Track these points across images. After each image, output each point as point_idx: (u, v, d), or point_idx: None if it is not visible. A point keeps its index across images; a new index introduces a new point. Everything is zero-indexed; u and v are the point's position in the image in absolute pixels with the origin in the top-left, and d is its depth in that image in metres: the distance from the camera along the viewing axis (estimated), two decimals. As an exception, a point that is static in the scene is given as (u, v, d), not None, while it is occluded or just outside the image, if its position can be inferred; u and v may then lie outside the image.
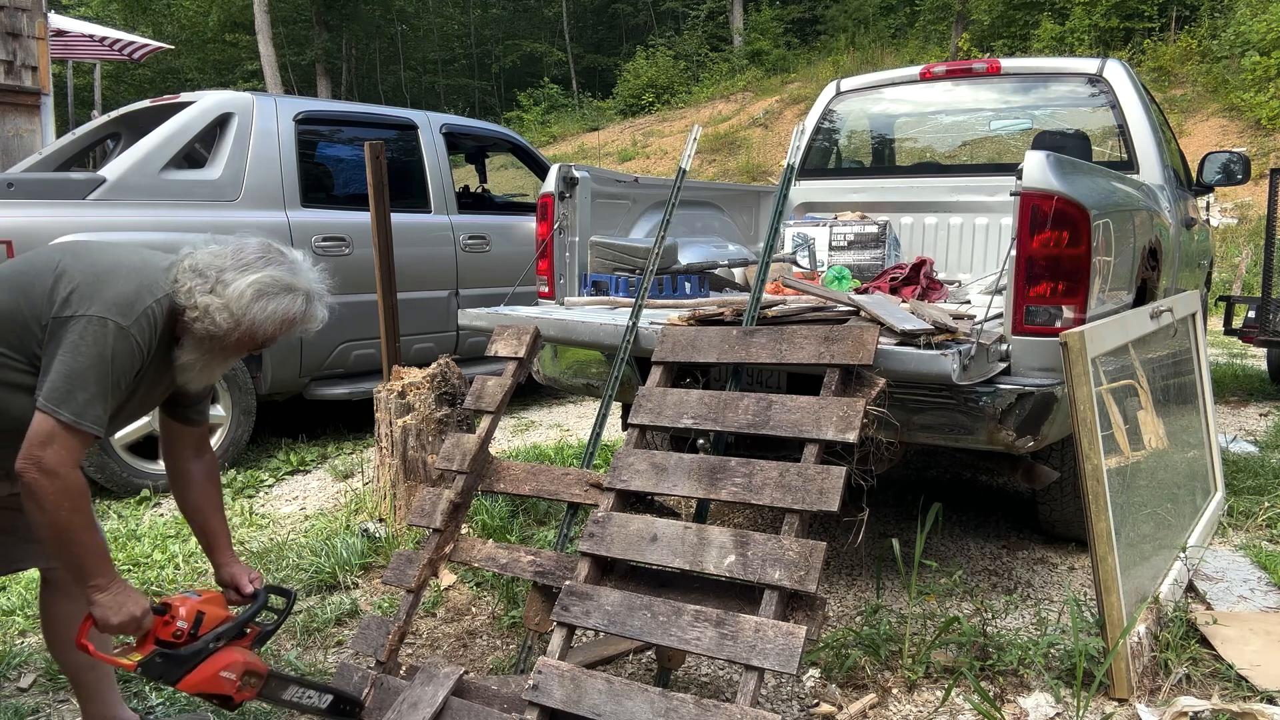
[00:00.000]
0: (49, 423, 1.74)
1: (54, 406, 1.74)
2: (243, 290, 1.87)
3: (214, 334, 1.89)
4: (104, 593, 1.83)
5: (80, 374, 1.75)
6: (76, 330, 1.77)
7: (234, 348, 1.95)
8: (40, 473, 1.73)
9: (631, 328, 2.87)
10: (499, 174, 10.90)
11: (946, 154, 5.66)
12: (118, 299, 1.81)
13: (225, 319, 1.87)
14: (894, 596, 3.16)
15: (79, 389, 1.75)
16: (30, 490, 1.74)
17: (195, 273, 1.88)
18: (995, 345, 2.72)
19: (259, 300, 1.89)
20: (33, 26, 7.11)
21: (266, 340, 1.98)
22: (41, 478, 1.73)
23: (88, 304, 1.79)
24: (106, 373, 1.78)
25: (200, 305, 1.86)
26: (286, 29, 28.35)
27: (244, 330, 1.90)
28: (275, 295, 1.91)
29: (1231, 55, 15.56)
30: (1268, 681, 2.47)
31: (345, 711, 2.27)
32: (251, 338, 1.93)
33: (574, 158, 20.93)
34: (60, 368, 1.75)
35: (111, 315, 1.79)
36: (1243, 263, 11.03)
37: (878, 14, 23.83)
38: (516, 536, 3.61)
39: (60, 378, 1.75)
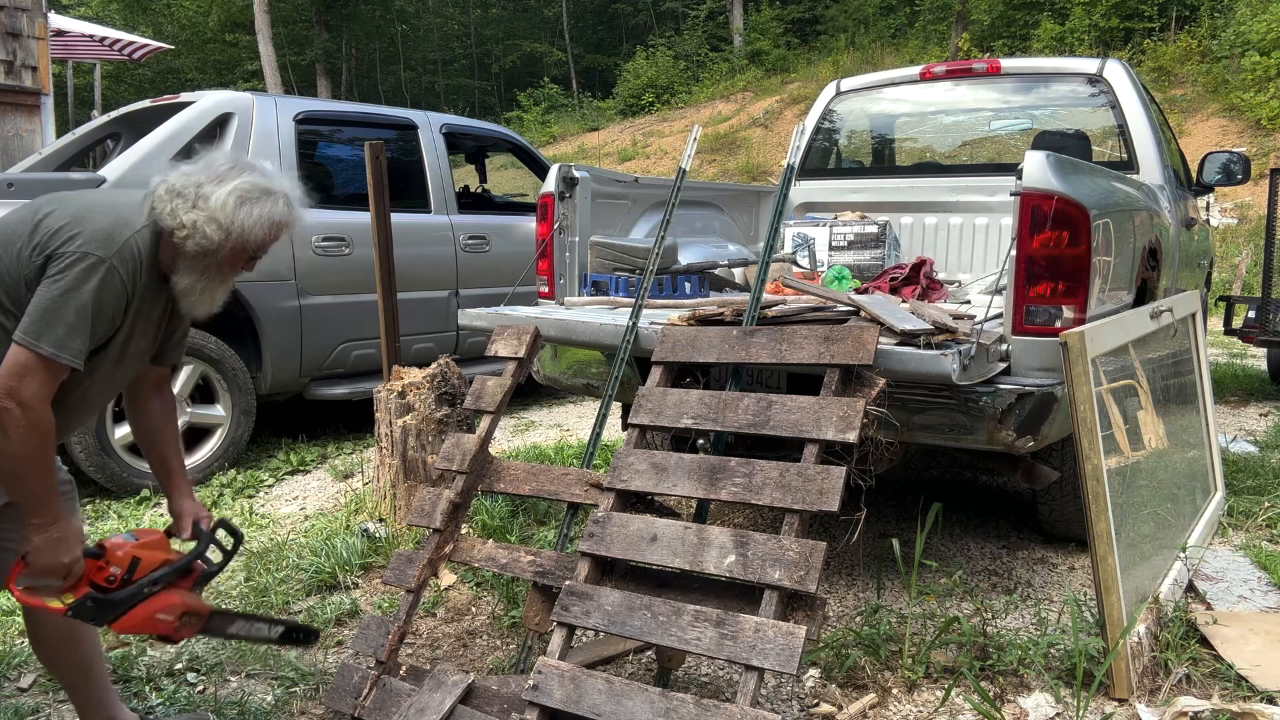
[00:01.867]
0: (26, 355, 1.75)
1: (33, 340, 1.75)
2: (225, 199, 1.89)
3: (207, 249, 1.91)
4: (43, 533, 1.84)
5: (58, 308, 1.76)
6: (56, 267, 1.78)
7: (229, 261, 1.97)
8: (15, 403, 1.74)
9: (631, 328, 2.87)
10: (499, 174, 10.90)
11: (946, 154, 5.66)
12: (95, 234, 1.82)
13: (215, 231, 1.89)
14: (894, 596, 3.16)
15: (58, 322, 1.76)
16: (3, 421, 1.74)
17: (174, 194, 1.90)
18: (995, 345, 2.72)
19: (243, 206, 1.91)
20: (33, 26, 7.11)
21: (258, 248, 1.99)
22: (15, 408, 1.74)
23: (67, 242, 1.80)
24: (86, 305, 1.78)
25: (188, 222, 1.88)
26: (286, 29, 28.35)
27: (235, 239, 1.92)
28: (257, 200, 1.94)
29: (1231, 55, 15.56)
30: (1268, 681, 2.47)
31: (299, 639, 2.27)
32: (243, 246, 1.95)
33: (574, 158, 20.93)
34: (39, 302, 1.77)
35: (91, 249, 1.80)
36: (1243, 263, 11.03)
37: (878, 14, 23.83)
38: (516, 536, 3.61)
39: (38, 311, 1.76)
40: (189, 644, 2.85)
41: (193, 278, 1.95)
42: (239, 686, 2.64)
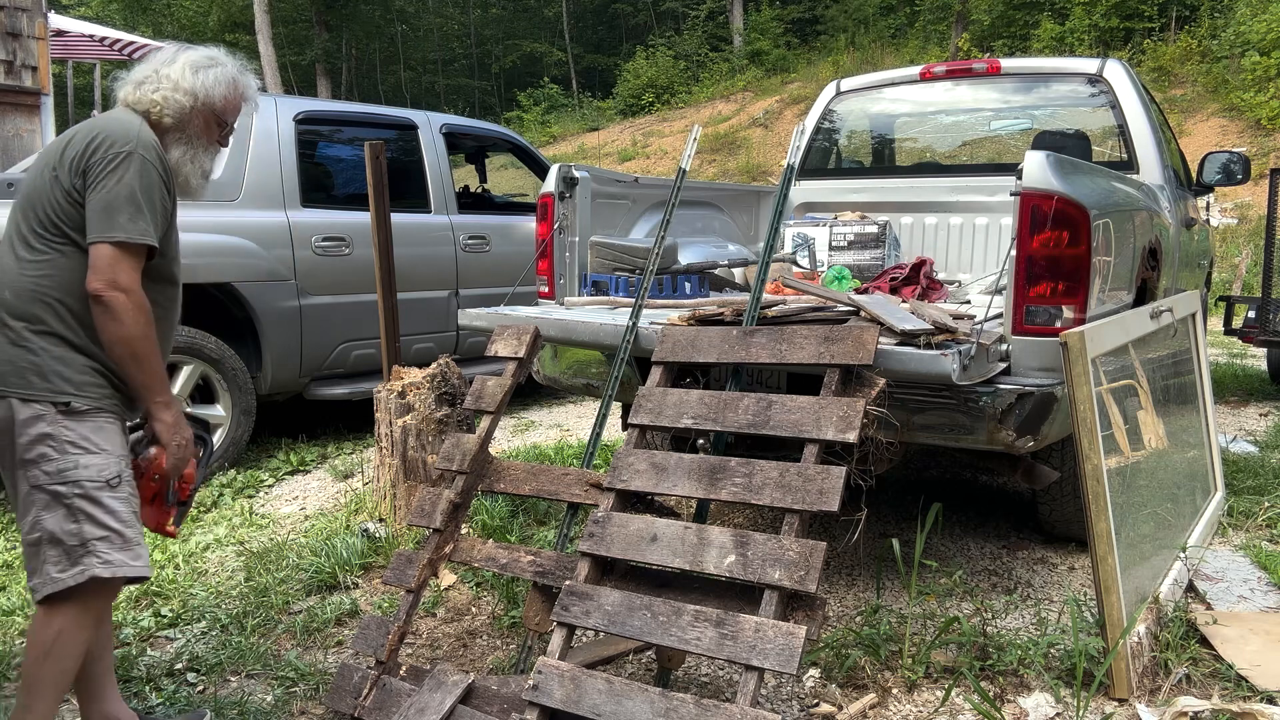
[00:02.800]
0: (105, 248, 1.95)
1: (104, 233, 1.95)
2: (181, 71, 2.14)
3: (181, 116, 2.13)
4: (169, 410, 2.09)
5: (112, 201, 1.96)
6: (96, 174, 1.98)
7: (203, 128, 2.18)
8: (117, 290, 1.94)
9: (631, 328, 2.87)
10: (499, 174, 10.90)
11: (946, 154, 5.66)
12: (115, 136, 2.02)
13: (183, 97, 2.13)
14: (894, 596, 3.16)
15: (118, 212, 1.96)
16: (110, 308, 1.94)
17: (139, 85, 2.14)
18: (995, 345, 2.72)
19: (198, 73, 2.15)
20: (33, 26, 7.11)
21: (223, 110, 2.20)
22: (119, 295, 1.94)
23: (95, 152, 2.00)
24: (135, 190, 1.99)
25: (159, 99, 2.11)
26: (286, 29, 28.36)
27: (201, 102, 2.15)
28: (208, 67, 2.18)
29: (1231, 55, 15.56)
30: (1268, 681, 2.47)
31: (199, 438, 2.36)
32: (210, 109, 2.17)
33: (574, 158, 20.93)
34: (93, 206, 1.97)
35: (118, 148, 2.00)
36: (1243, 263, 11.03)
37: (878, 14, 23.83)
38: (516, 536, 3.61)
39: (97, 212, 1.96)
40: (189, 644, 2.85)
41: (180, 149, 2.16)
42: (239, 686, 2.64)
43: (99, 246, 1.95)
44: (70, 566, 1.97)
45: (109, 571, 1.99)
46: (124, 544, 2.01)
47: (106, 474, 2.00)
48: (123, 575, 2.02)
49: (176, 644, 2.87)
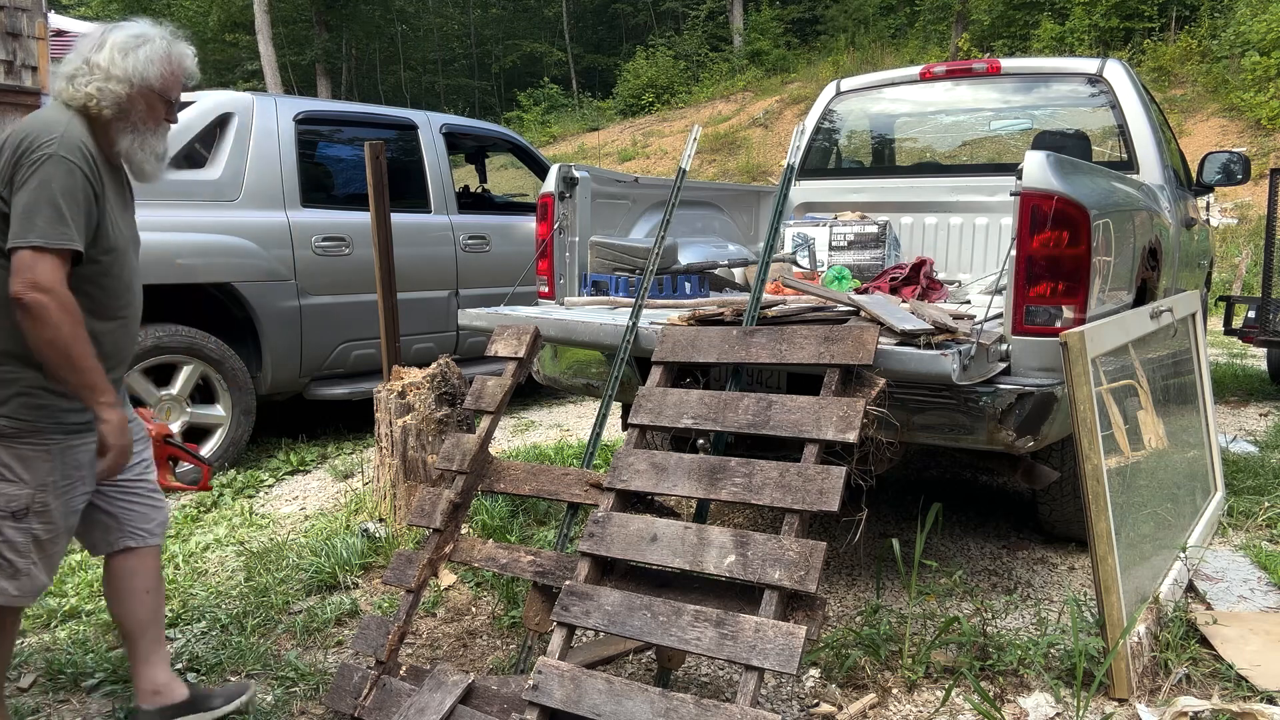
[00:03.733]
0: (25, 253, 1.90)
1: (22, 238, 1.90)
2: (111, 57, 2.06)
3: (121, 105, 2.06)
4: (114, 410, 2.02)
5: (30, 205, 1.91)
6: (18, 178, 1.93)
7: (149, 113, 2.11)
8: (37, 291, 1.88)
9: (631, 328, 2.87)
10: (499, 174, 10.90)
11: (946, 154, 5.66)
12: (37, 139, 1.96)
13: (116, 85, 2.05)
14: (894, 596, 3.16)
15: (36, 216, 1.90)
16: (33, 312, 1.89)
17: (70, 78, 2.06)
18: (995, 345, 2.72)
19: (128, 55, 2.06)
20: (33, 26, 7.11)
21: (165, 88, 2.12)
22: (40, 295, 1.88)
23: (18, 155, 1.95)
24: (54, 194, 1.92)
25: (94, 91, 2.03)
26: (286, 29, 28.35)
27: (138, 86, 2.07)
28: (138, 46, 2.09)
29: (1231, 55, 15.56)
30: (1268, 681, 2.47)
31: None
32: (151, 91, 2.09)
33: (574, 158, 20.93)
34: (15, 210, 1.92)
35: (39, 151, 1.94)
36: (1243, 263, 11.03)
37: (878, 14, 23.82)
38: (516, 536, 3.61)
39: (16, 217, 1.91)
40: (189, 644, 2.86)
41: (127, 139, 2.10)
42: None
43: (19, 252, 1.90)
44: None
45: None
46: (12, 573, 2.06)
47: (14, 505, 2.01)
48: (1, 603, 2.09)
49: (176, 644, 2.87)
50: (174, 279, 4.40)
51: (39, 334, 1.91)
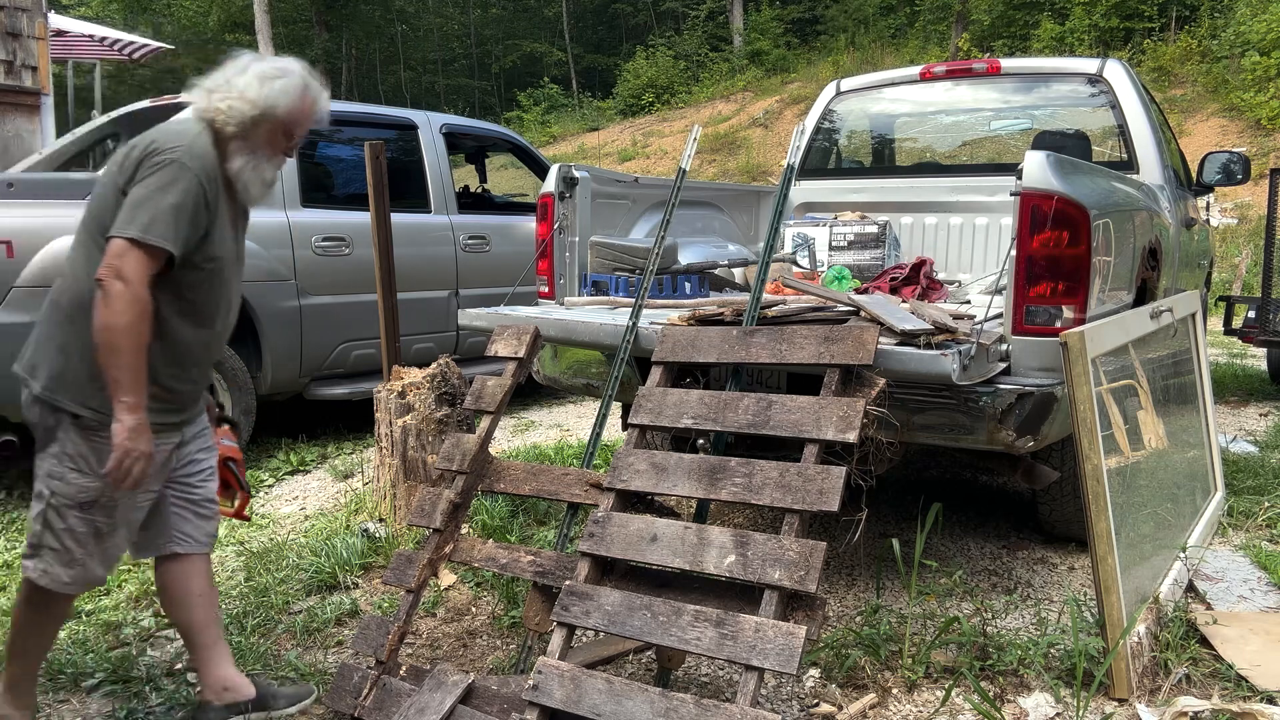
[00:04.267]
0: (119, 242, 1.98)
1: (123, 229, 1.98)
2: (249, 81, 2.17)
3: (244, 126, 2.16)
4: (132, 415, 2.03)
5: (141, 201, 2.00)
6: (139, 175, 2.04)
7: (268, 139, 2.21)
8: (117, 278, 1.96)
9: (631, 328, 2.87)
10: (499, 174, 10.90)
11: (946, 154, 5.66)
12: (166, 142, 2.07)
13: (246, 107, 2.15)
14: (894, 596, 3.16)
15: (140, 212, 1.99)
16: (106, 294, 1.96)
17: (209, 92, 2.18)
18: (995, 345, 2.72)
19: (265, 84, 2.17)
20: (33, 26, 7.11)
21: (289, 121, 2.22)
22: (118, 283, 1.96)
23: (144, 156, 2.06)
24: (166, 197, 2.01)
25: (224, 107, 2.15)
26: (286, 29, 28.35)
27: (264, 112, 2.17)
28: (276, 78, 2.19)
29: (1231, 55, 15.56)
30: (1268, 681, 2.47)
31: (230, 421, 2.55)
32: (275, 119, 2.19)
33: (574, 158, 20.93)
34: (127, 203, 2.01)
35: (166, 155, 2.05)
36: (1243, 263, 11.03)
37: (878, 14, 23.83)
38: (516, 536, 3.61)
39: (126, 208, 2.00)
40: (189, 644, 2.86)
41: (242, 158, 2.19)
42: (239, 686, 2.63)
43: (115, 239, 1.99)
44: (25, 556, 2.18)
45: (45, 581, 2.15)
46: (68, 561, 2.14)
47: (83, 496, 2.10)
48: (52, 589, 2.16)
49: (177, 644, 2.87)
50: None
51: (102, 315, 1.97)
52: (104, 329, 1.98)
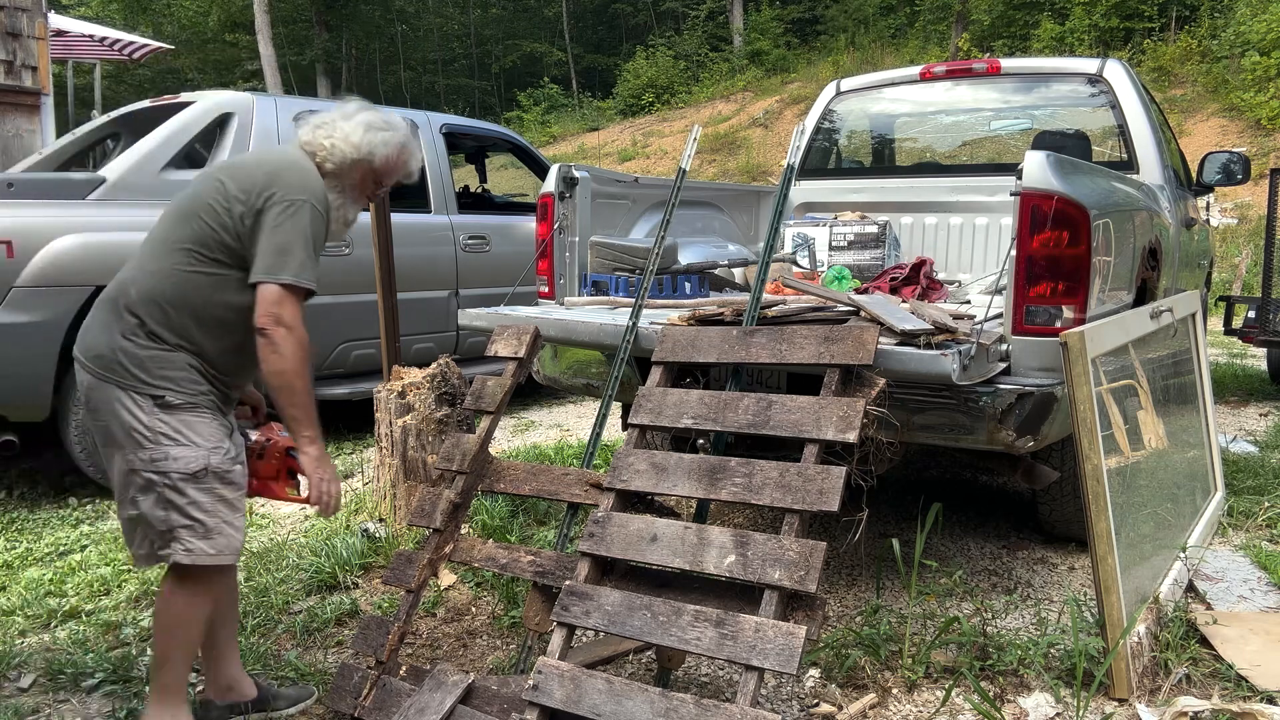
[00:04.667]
0: (273, 289, 2.09)
1: (274, 274, 2.09)
2: (355, 126, 2.30)
3: (342, 166, 2.29)
4: (315, 445, 2.23)
5: (286, 245, 2.10)
6: (273, 214, 2.11)
7: (360, 183, 2.35)
8: (280, 325, 2.08)
9: (631, 328, 2.87)
10: (499, 174, 10.90)
11: (946, 154, 5.66)
12: (294, 183, 2.17)
13: (349, 150, 2.28)
14: (894, 596, 3.16)
15: (289, 256, 2.10)
16: (273, 343, 2.08)
17: (316, 128, 2.30)
18: (995, 345, 2.72)
19: (369, 132, 2.30)
20: (33, 26, 7.11)
21: (383, 170, 2.36)
22: (282, 330, 2.08)
23: (275, 195, 2.13)
24: (307, 239, 2.14)
25: (328, 145, 2.27)
26: (286, 29, 28.35)
27: (363, 157, 2.30)
28: (381, 129, 2.33)
29: (1231, 55, 15.56)
30: (1268, 681, 2.47)
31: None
32: (370, 166, 2.33)
33: (574, 158, 20.93)
34: (267, 245, 2.10)
35: (297, 195, 2.15)
36: (1243, 263, 11.03)
37: (878, 14, 23.82)
38: (516, 536, 3.61)
39: (270, 252, 2.10)
40: (189, 644, 2.86)
41: (332, 195, 2.29)
42: (239, 686, 2.63)
43: (267, 286, 2.09)
44: (160, 549, 2.14)
45: (189, 559, 2.14)
46: (205, 533, 2.14)
47: (193, 466, 2.13)
48: (202, 563, 2.15)
49: (176, 644, 2.87)
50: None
51: (274, 362, 2.10)
52: (277, 374, 2.10)
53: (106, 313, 2.17)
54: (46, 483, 4.62)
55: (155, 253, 2.18)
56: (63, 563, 3.54)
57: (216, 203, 2.15)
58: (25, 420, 4.15)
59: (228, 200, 2.14)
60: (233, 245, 2.14)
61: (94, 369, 2.13)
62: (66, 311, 4.03)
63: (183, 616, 2.20)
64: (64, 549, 3.71)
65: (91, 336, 2.17)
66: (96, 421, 2.16)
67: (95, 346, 2.15)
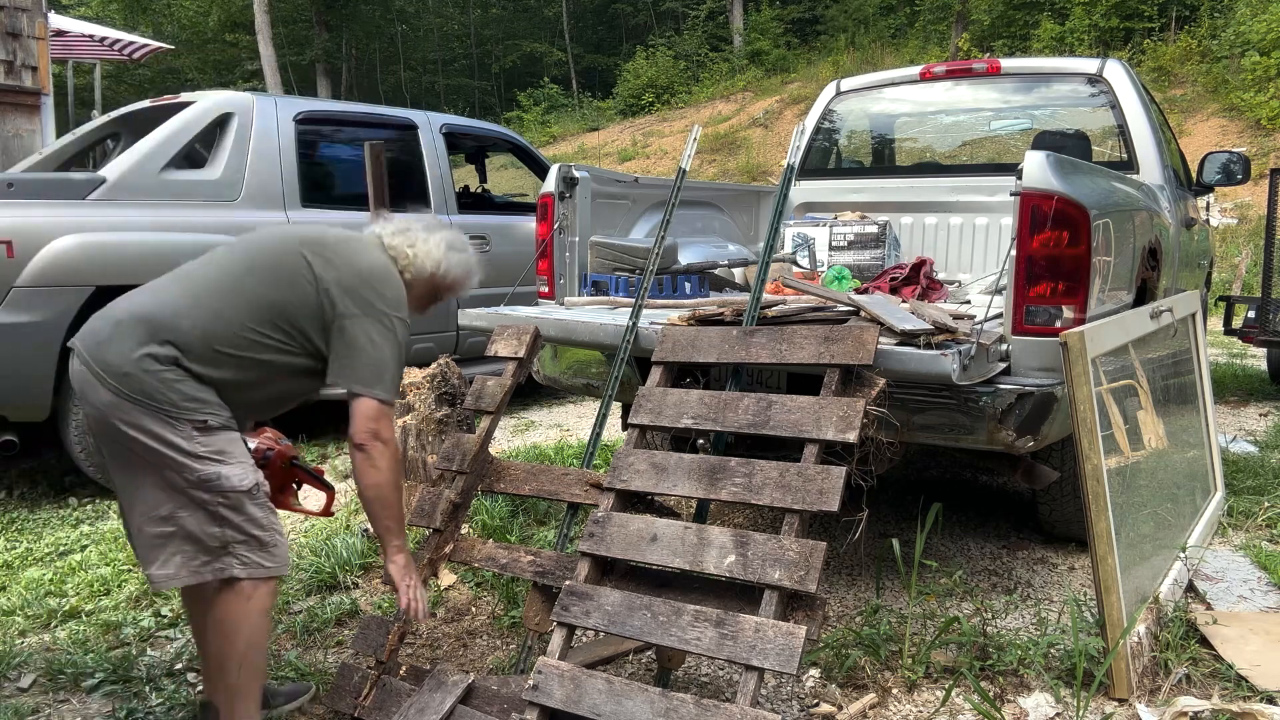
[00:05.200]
0: (373, 404, 2.17)
1: (373, 390, 2.17)
2: (438, 243, 2.39)
3: (418, 278, 2.36)
4: (403, 554, 2.29)
5: (384, 362, 2.18)
6: (372, 329, 2.18)
7: (427, 295, 2.42)
8: (380, 442, 2.16)
9: (631, 328, 2.87)
10: (499, 174, 10.89)
11: (946, 154, 5.66)
12: (395, 298, 2.24)
13: (429, 265, 2.36)
14: (894, 596, 3.16)
15: (386, 372, 2.19)
16: (372, 458, 2.16)
17: (400, 232, 2.37)
18: (995, 345, 2.72)
19: (450, 251, 2.40)
20: (33, 26, 7.11)
21: (448, 288, 2.44)
22: (381, 445, 2.16)
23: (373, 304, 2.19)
24: (399, 357, 2.23)
25: (410, 255, 2.34)
26: (286, 29, 28.34)
27: (439, 275, 2.38)
28: (459, 250, 2.43)
29: (1231, 55, 15.55)
30: (1268, 681, 2.47)
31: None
32: (441, 282, 2.41)
33: (574, 158, 20.93)
34: (366, 359, 2.17)
35: (394, 311, 2.22)
36: (1243, 263, 11.02)
37: (878, 14, 23.82)
38: (516, 536, 3.61)
39: (369, 365, 2.17)
40: (189, 644, 2.86)
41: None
42: (239, 686, 2.63)
43: (367, 400, 2.16)
44: (210, 563, 2.11)
45: (245, 573, 2.12)
46: (260, 547, 2.14)
47: (247, 483, 2.12)
48: (259, 576, 2.14)
49: (176, 644, 2.87)
50: (174, 279, 4.39)
51: (373, 476, 2.16)
52: (374, 487, 2.17)
53: (137, 331, 2.07)
54: (46, 483, 4.62)
55: (225, 298, 2.14)
56: (63, 563, 3.54)
57: (305, 280, 2.16)
58: (25, 420, 4.15)
59: (318, 289, 2.16)
60: (310, 332, 2.18)
61: (115, 386, 2.03)
62: (66, 311, 4.03)
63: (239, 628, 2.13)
64: (64, 549, 3.71)
65: (113, 352, 2.05)
66: (115, 440, 2.07)
67: (118, 364, 2.04)
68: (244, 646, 2.14)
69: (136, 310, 2.11)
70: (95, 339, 2.10)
